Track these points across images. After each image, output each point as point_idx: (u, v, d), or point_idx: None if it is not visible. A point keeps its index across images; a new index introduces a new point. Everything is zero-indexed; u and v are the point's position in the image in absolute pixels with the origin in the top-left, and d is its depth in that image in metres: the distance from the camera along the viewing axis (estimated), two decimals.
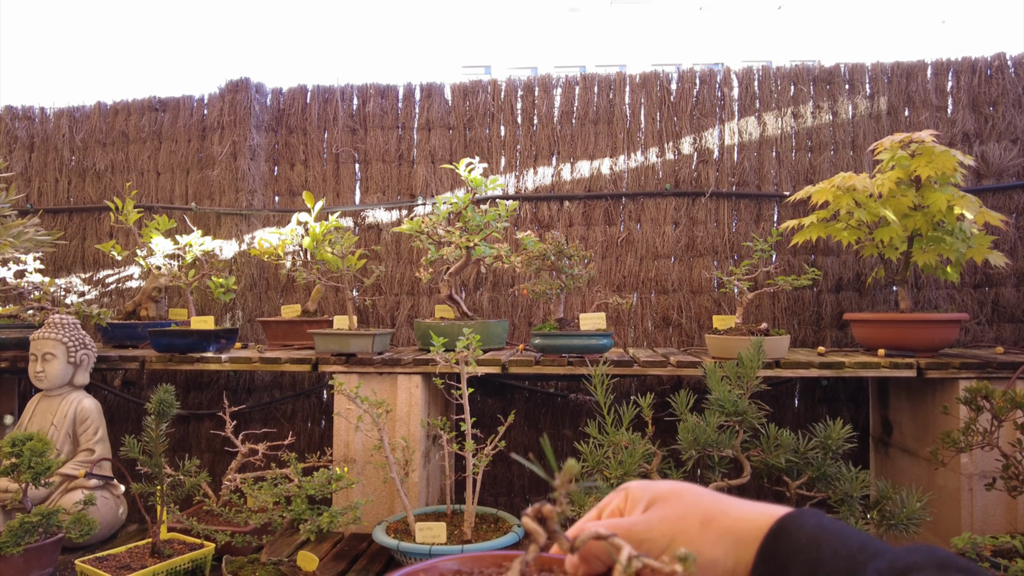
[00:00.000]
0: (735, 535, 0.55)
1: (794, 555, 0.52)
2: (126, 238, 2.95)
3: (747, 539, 0.55)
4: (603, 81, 2.79)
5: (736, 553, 0.55)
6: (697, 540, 0.56)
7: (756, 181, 2.69)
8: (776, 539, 0.54)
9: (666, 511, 0.58)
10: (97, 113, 3.06)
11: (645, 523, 0.58)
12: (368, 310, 2.81)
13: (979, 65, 2.64)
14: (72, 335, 2.20)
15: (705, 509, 0.57)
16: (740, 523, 0.56)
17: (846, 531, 0.52)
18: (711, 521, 0.56)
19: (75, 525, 1.81)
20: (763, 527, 0.55)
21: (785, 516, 0.55)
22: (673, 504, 0.59)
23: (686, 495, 0.60)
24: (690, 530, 0.56)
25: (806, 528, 0.53)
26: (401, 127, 2.89)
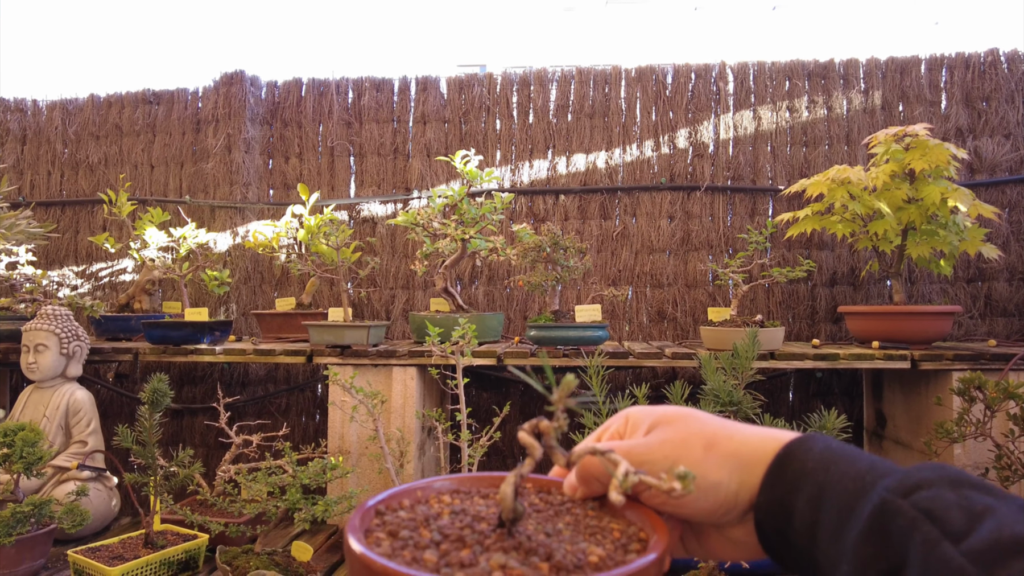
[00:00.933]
0: (740, 459, 0.53)
1: (802, 478, 0.50)
2: (119, 231, 2.94)
3: (752, 463, 0.53)
4: (599, 75, 2.79)
5: (740, 477, 0.53)
6: (700, 463, 0.53)
7: (751, 175, 2.70)
8: (783, 463, 0.52)
9: (668, 434, 0.56)
10: (90, 105, 3.04)
11: (645, 445, 0.56)
12: (363, 303, 2.80)
13: (972, 61, 2.65)
14: (65, 326, 2.19)
15: (709, 432, 0.55)
16: (745, 447, 0.54)
17: (856, 454, 0.50)
18: (715, 444, 0.54)
19: (68, 516, 1.80)
20: (770, 451, 0.53)
21: (793, 441, 0.53)
22: (676, 427, 0.56)
23: (690, 419, 0.57)
24: (693, 453, 0.54)
25: (814, 452, 0.51)
26: (396, 120, 2.89)
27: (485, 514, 0.51)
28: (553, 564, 0.43)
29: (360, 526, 0.47)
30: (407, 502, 0.53)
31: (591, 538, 0.49)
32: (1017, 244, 2.56)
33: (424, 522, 0.49)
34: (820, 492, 0.48)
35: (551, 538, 0.47)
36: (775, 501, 0.51)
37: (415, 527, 0.47)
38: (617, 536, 0.50)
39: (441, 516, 0.50)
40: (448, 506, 0.53)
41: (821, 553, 0.47)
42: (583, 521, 0.52)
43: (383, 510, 0.51)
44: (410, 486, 0.56)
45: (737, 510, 0.54)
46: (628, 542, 0.49)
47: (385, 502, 0.52)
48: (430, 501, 0.54)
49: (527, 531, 0.48)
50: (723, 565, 1.66)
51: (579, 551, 0.46)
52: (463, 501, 0.54)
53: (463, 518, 0.50)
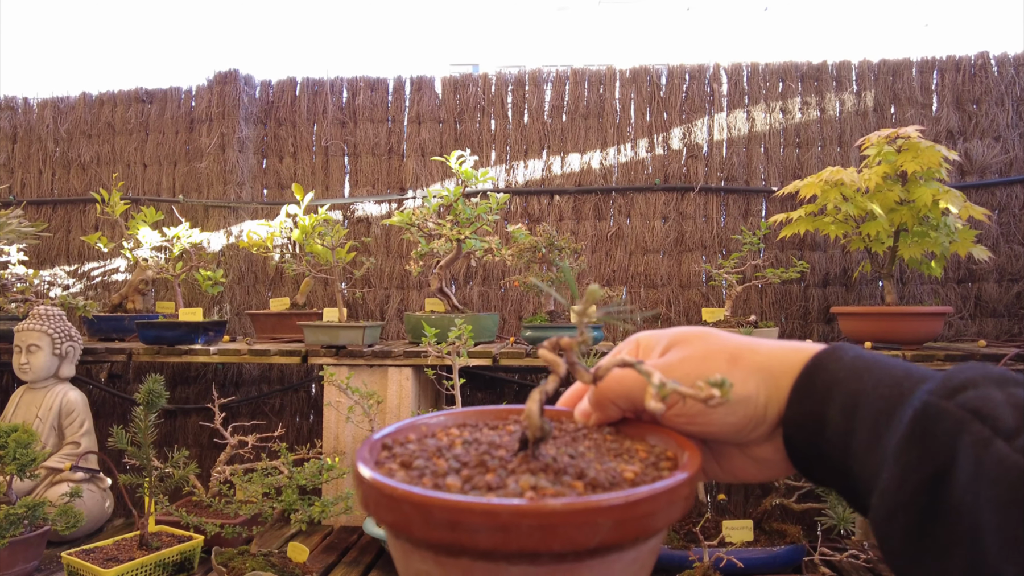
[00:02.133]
0: (767, 371, 0.51)
1: (833, 387, 0.48)
2: (112, 230, 2.92)
3: (780, 375, 0.51)
4: (593, 76, 2.80)
5: (768, 389, 0.50)
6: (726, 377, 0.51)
7: (745, 176, 2.72)
8: (813, 373, 0.50)
9: (687, 351, 0.53)
10: (82, 104, 3.02)
11: (665, 364, 0.53)
12: (357, 303, 2.80)
13: (963, 64, 2.67)
14: (57, 326, 2.18)
15: (732, 347, 0.53)
16: (772, 359, 0.52)
17: (889, 361, 0.48)
18: (739, 358, 0.52)
19: (61, 517, 1.79)
20: (798, 363, 0.51)
21: (821, 351, 0.51)
22: (694, 345, 0.54)
23: (708, 336, 0.55)
24: (717, 368, 0.51)
25: (845, 360, 0.49)
26: (391, 120, 2.89)
27: (500, 442, 0.48)
28: (587, 482, 0.41)
29: (370, 457, 0.44)
30: (413, 436, 0.51)
31: (618, 458, 0.47)
32: (1006, 245, 2.58)
33: (437, 452, 0.46)
34: (854, 401, 0.46)
35: (577, 459, 0.45)
36: (805, 413, 0.49)
37: (428, 457, 0.45)
38: (644, 456, 0.48)
39: (453, 446, 0.47)
40: (458, 437, 0.50)
41: (857, 463, 0.45)
42: (604, 445, 0.50)
43: (390, 444, 0.48)
44: (412, 421, 0.53)
45: (765, 425, 0.51)
46: (657, 460, 0.47)
47: (391, 436, 0.50)
48: (437, 434, 0.51)
49: (550, 454, 0.45)
50: (719, 564, 1.68)
51: (610, 469, 0.44)
52: (472, 432, 0.52)
53: (478, 447, 0.47)
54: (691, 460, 0.45)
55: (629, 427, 0.55)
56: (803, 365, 0.51)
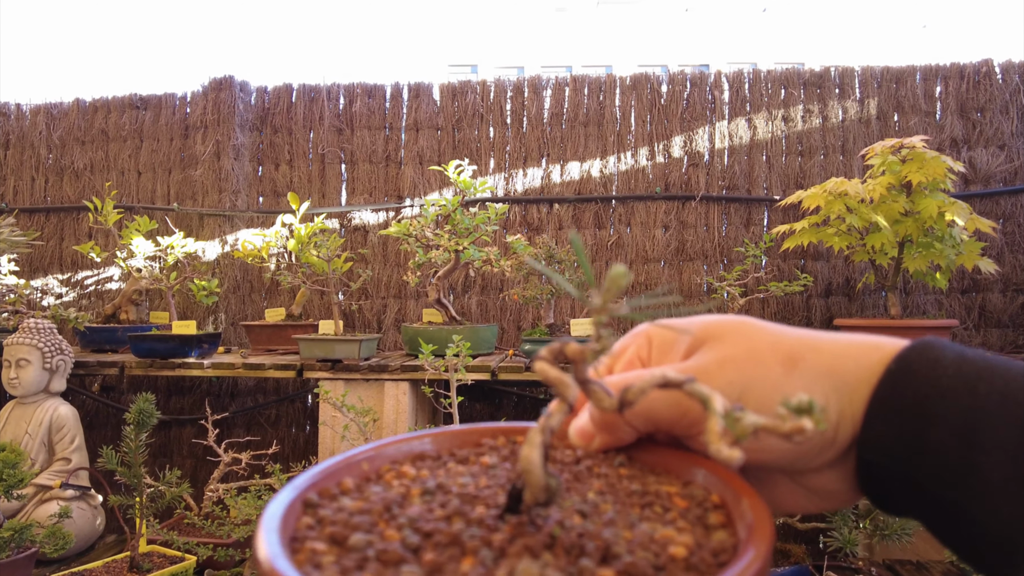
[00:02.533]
0: (837, 378, 0.40)
1: (934, 402, 0.37)
2: (105, 239, 2.88)
3: (855, 383, 0.39)
4: (593, 82, 2.77)
5: (840, 402, 0.39)
6: (783, 388, 0.39)
7: (746, 185, 2.68)
8: (901, 381, 0.38)
9: (726, 351, 0.41)
10: (76, 110, 2.98)
11: (700, 369, 0.41)
12: (354, 314, 2.76)
13: (967, 71, 2.64)
14: (48, 340, 2.14)
15: (788, 345, 0.41)
16: (841, 361, 0.40)
17: (1009, 364, 0.38)
18: (798, 360, 0.40)
19: (50, 539, 1.76)
20: (877, 365, 0.40)
21: (906, 350, 0.40)
22: (734, 341, 0.42)
23: (750, 328, 0.42)
24: (770, 375, 0.40)
25: (945, 363, 0.38)
26: (388, 127, 2.85)
27: (476, 491, 0.35)
28: (621, 569, 0.28)
29: (282, 531, 0.30)
30: (351, 482, 0.37)
31: (647, 513, 0.34)
32: (1011, 255, 2.55)
33: (385, 513, 0.32)
34: (971, 423, 0.36)
35: (593, 520, 0.32)
36: (895, 436, 0.38)
37: (373, 524, 0.31)
38: (683, 505, 0.35)
39: (409, 500, 0.34)
40: (415, 482, 0.37)
41: (983, 508, 0.35)
42: (620, 486, 0.38)
43: (315, 500, 0.34)
44: (349, 456, 0.39)
45: (834, 449, 0.40)
46: (703, 513, 0.35)
47: (320, 483, 0.35)
48: (385, 477, 0.38)
49: (552, 514, 0.32)
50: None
51: (646, 539, 0.31)
52: (434, 472, 0.39)
53: (444, 501, 0.34)
54: (757, 515, 0.32)
55: (645, 453, 0.42)
56: (884, 369, 0.39)
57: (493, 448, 0.43)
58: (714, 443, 0.30)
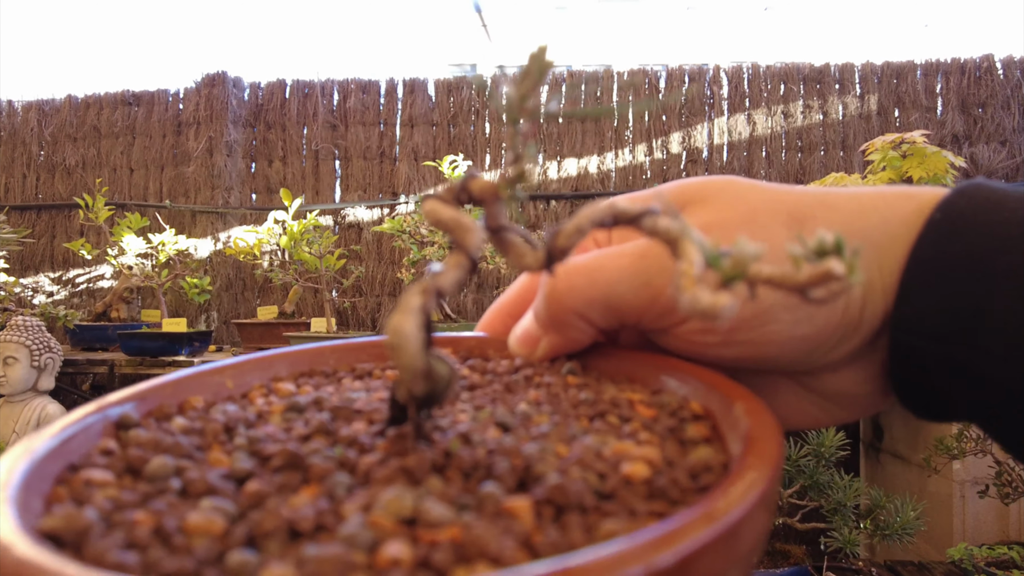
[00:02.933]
0: (860, 237, 0.29)
1: (996, 256, 0.27)
2: (97, 236, 2.85)
3: (883, 242, 0.29)
4: (591, 77, 2.74)
5: (867, 267, 0.29)
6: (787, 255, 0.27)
7: None
8: (949, 233, 0.28)
9: (712, 215, 0.31)
10: (68, 107, 2.95)
11: None
12: (348, 311, 2.73)
13: (968, 67, 2.61)
14: (36, 338, 2.11)
15: (790, 203, 0.31)
16: (863, 217, 0.30)
17: None
18: (806, 220, 0.30)
19: None
20: (911, 218, 0.29)
21: (953, 193, 0.29)
22: (724, 204, 0.31)
23: (743, 188, 0.32)
24: (771, 240, 0.29)
25: (1008, 204, 0.28)
26: (383, 123, 2.82)
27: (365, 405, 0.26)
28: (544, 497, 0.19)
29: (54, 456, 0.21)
30: (201, 400, 0.27)
31: (598, 425, 0.25)
32: None
33: (223, 435, 0.24)
34: None
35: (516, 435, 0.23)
36: (941, 308, 0.28)
37: (197, 447, 0.23)
38: (650, 415, 0.25)
39: (265, 419, 0.25)
40: (287, 399, 0.27)
41: None
42: (564, 395, 0.28)
43: (133, 419, 0.24)
44: (210, 368, 0.29)
45: (859, 335, 0.30)
46: (677, 425, 0.24)
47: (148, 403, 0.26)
48: (250, 395, 0.29)
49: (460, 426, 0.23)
50: None
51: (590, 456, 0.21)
52: (321, 388, 0.29)
53: (312, 418, 0.24)
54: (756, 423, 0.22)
55: (605, 359, 0.32)
56: (925, 221, 0.29)
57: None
58: (687, 290, 0.19)
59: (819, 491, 1.82)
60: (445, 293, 0.22)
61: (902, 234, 0.29)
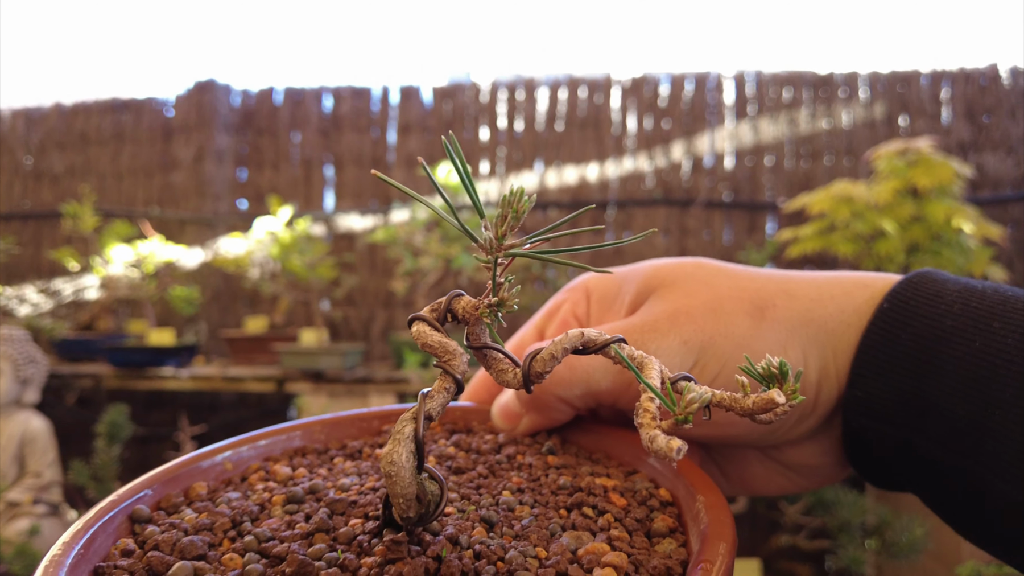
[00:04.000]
0: (816, 325, 0.32)
1: (937, 349, 0.29)
2: (84, 245, 2.79)
3: (838, 329, 0.32)
4: (590, 84, 2.69)
5: (821, 356, 0.32)
6: (751, 344, 0.31)
7: (750, 190, 2.60)
8: (896, 322, 0.30)
9: (680, 301, 0.33)
10: (55, 114, 2.89)
11: (645, 327, 0.32)
12: (340, 323, 2.67)
13: (973, 75, 2.57)
14: (21, 350, 2.04)
15: (754, 291, 0.33)
16: (820, 306, 0.32)
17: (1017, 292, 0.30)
18: (767, 309, 0.32)
19: (18, 557, 1.67)
20: (864, 306, 0.32)
21: (900, 284, 0.32)
22: (691, 290, 0.33)
23: (709, 273, 0.34)
24: (735, 329, 0.32)
25: (947, 297, 0.30)
26: (377, 130, 2.76)
27: (359, 494, 0.29)
28: None
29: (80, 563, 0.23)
30: (204, 486, 0.30)
31: (575, 517, 0.27)
32: (1020, 262, 2.47)
33: (232, 530, 0.26)
34: (984, 371, 0.28)
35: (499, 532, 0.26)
36: (889, 393, 0.30)
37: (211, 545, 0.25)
38: (622, 505, 0.28)
39: (269, 511, 0.28)
40: (285, 484, 0.30)
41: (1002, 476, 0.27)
42: (545, 480, 0.30)
43: (146, 514, 0.27)
44: (208, 451, 0.32)
45: (815, 416, 0.33)
46: (646, 516, 0.28)
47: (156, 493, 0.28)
48: (251, 479, 0.31)
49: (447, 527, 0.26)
50: None
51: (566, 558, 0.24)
52: (315, 470, 0.32)
53: (313, 511, 0.27)
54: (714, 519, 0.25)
55: (584, 434, 0.34)
56: (875, 311, 0.31)
57: (383, 432, 0.36)
58: (647, 428, 0.22)
59: (825, 508, 1.77)
60: (434, 418, 0.25)
61: (854, 322, 0.32)
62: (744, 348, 0.31)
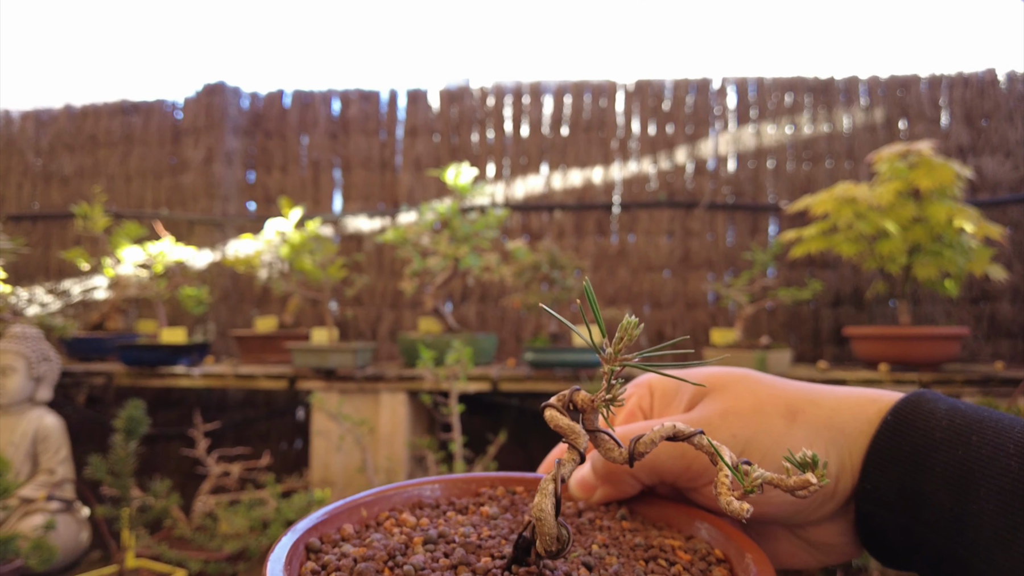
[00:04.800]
0: (837, 430, 0.41)
1: (929, 454, 0.38)
2: (93, 246, 2.81)
3: (853, 434, 0.41)
4: (595, 88, 2.73)
5: (839, 454, 0.40)
6: (784, 441, 0.40)
7: (752, 192, 2.64)
8: (897, 432, 0.39)
9: (728, 403, 0.42)
10: (65, 116, 2.92)
11: (704, 421, 0.42)
12: (348, 323, 2.69)
13: (972, 79, 2.62)
14: (34, 348, 2.06)
15: (788, 398, 0.42)
16: (840, 414, 0.41)
17: (998, 417, 0.38)
18: (799, 413, 0.41)
19: (35, 551, 1.68)
20: (874, 417, 0.41)
21: (902, 403, 0.41)
22: (737, 394, 0.43)
23: (752, 381, 0.44)
24: (772, 428, 0.41)
25: (937, 415, 0.39)
26: (385, 132, 2.80)
27: (479, 540, 0.36)
28: None
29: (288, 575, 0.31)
30: (351, 528, 0.37)
31: (652, 566, 0.35)
32: (1020, 264, 2.51)
33: (389, 560, 0.33)
34: (964, 473, 0.36)
35: (598, 573, 0.34)
36: (891, 487, 0.39)
37: (378, 571, 0.32)
38: (687, 559, 0.36)
39: (412, 549, 0.34)
40: (415, 530, 0.37)
41: (979, 556, 0.35)
42: (623, 539, 0.38)
43: (317, 545, 0.34)
44: (349, 502, 0.39)
45: (834, 502, 0.41)
46: (707, 568, 0.35)
47: (321, 528, 0.36)
48: (385, 524, 0.38)
49: (559, 566, 0.33)
50: None
51: None
52: (434, 520, 0.39)
53: (449, 550, 0.34)
54: (761, 571, 0.33)
55: (647, 507, 0.43)
56: (881, 421, 0.40)
57: (492, 498, 0.43)
58: (724, 495, 0.31)
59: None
60: (566, 480, 0.33)
61: (866, 429, 0.41)
62: (780, 443, 0.40)
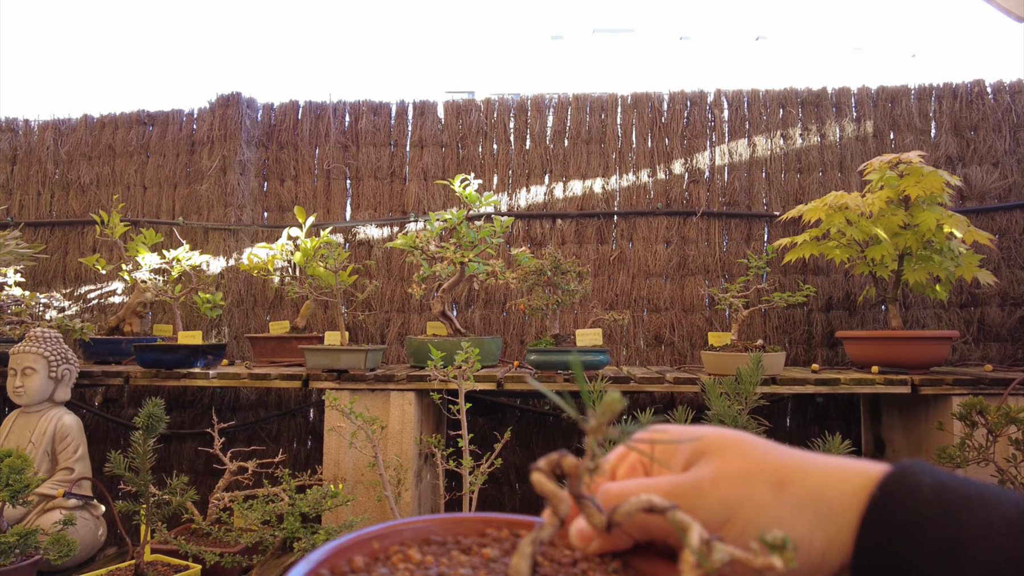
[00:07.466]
0: (824, 504, 0.41)
1: (918, 529, 0.38)
2: (110, 252, 2.89)
3: (841, 508, 0.41)
4: (595, 102, 2.82)
5: (826, 529, 0.41)
6: (771, 511, 0.41)
7: (747, 201, 2.72)
8: (886, 507, 0.40)
9: (721, 467, 0.43)
10: (83, 126, 3.02)
11: (693, 485, 0.43)
12: (358, 327, 2.77)
13: (960, 91, 2.70)
14: (54, 349, 2.14)
15: (777, 467, 0.43)
16: (828, 487, 0.42)
17: (985, 490, 0.40)
18: (787, 483, 0.42)
19: (53, 546, 1.74)
20: (860, 492, 0.41)
21: (888, 477, 0.41)
22: (730, 458, 0.44)
23: (745, 445, 0.45)
24: (760, 496, 0.42)
25: (924, 491, 0.40)
26: (393, 144, 2.89)
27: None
28: None
29: None
30: (360, 560, 0.40)
31: None
32: (1008, 270, 2.59)
33: None
34: (953, 551, 0.37)
35: None
36: (883, 563, 0.39)
37: None
38: None
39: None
40: (419, 567, 0.40)
41: None
42: None
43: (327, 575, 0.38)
44: (362, 535, 0.42)
45: (822, 573, 0.41)
46: None
47: (329, 562, 0.39)
48: (393, 559, 0.41)
49: None
50: None
51: None
52: (438, 559, 0.42)
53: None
54: None
55: (640, 560, 0.45)
56: (870, 495, 0.41)
57: (496, 539, 0.45)
58: (687, 573, 0.33)
59: None
60: (544, 541, 0.37)
61: (853, 503, 0.41)
62: (765, 512, 0.41)
